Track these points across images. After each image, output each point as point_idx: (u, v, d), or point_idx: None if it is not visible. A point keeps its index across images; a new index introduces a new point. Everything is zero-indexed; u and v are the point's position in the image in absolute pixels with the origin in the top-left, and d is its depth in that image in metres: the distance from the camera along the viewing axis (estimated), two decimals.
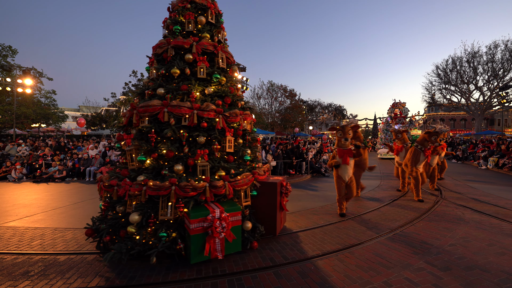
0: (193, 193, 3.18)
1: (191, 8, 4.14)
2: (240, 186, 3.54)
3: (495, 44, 24.61)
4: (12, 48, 21.40)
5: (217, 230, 3.01)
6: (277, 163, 10.10)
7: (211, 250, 3.06)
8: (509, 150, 12.42)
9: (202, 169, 3.41)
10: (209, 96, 3.88)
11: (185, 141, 3.58)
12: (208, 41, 4.04)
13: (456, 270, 2.94)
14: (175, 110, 3.46)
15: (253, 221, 3.74)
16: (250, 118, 4.34)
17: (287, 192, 4.19)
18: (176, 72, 3.76)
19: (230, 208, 3.27)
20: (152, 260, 2.95)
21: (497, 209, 5.39)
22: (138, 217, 3.12)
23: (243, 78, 15.81)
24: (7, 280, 2.79)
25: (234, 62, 4.58)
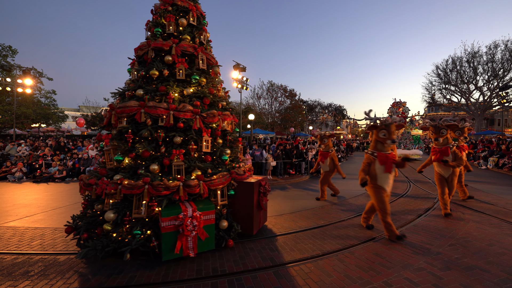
0: (166, 192, 3.23)
1: (172, 11, 4.21)
2: (216, 185, 3.59)
3: (495, 44, 24.61)
4: (12, 48, 21.42)
5: (188, 228, 3.09)
6: (277, 163, 10.11)
7: (183, 248, 3.12)
8: (509, 150, 12.42)
9: (177, 168, 3.49)
10: (188, 97, 3.94)
11: (162, 141, 3.66)
12: (188, 43, 4.12)
13: (456, 270, 2.94)
14: (152, 111, 3.54)
15: (230, 220, 3.80)
16: (229, 118, 4.36)
17: (265, 191, 4.21)
18: (155, 74, 3.84)
19: (204, 207, 3.33)
20: (125, 257, 3.04)
21: (497, 209, 5.38)
22: (114, 215, 3.20)
23: (243, 78, 15.80)
24: (7, 280, 2.79)
25: (215, 63, 4.63)
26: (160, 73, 3.91)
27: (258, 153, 9.86)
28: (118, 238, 3.17)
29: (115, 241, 3.15)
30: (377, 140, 4.03)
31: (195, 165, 3.61)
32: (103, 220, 3.34)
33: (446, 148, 4.99)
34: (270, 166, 9.85)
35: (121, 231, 3.22)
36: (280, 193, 7.39)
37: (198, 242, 3.25)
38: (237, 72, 15.34)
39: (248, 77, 16.28)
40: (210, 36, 4.80)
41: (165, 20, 4.17)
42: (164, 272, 2.95)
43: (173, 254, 3.10)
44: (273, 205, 5.98)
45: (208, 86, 4.28)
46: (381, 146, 3.99)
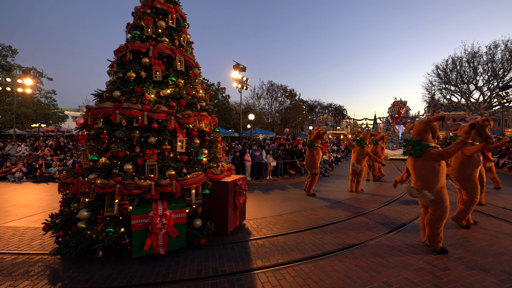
0: (137, 191, 3.30)
1: (151, 13, 4.30)
2: (189, 184, 3.63)
3: (495, 44, 24.60)
4: (12, 48, 21.40)
5: (157, 226, 3.15)
6: (277, 163, 10.11)
7: (154, 245, 3.19)
8: (509, 150, 12.42)
9: (150, 168, 3.55)
10: (164, 98, 4.00)
11: (137, 142, 3.74)
12: (165, 45, 4.18)
13: (456, 270, 2.94)
14: (126, 112, 3.61)
15: (204, 219, 3.84)
16: (207, 119, 4.40)
17: (241, 191, 4.24)
18: (132, 76, 3.93)
19: (175, 206, 3.40)
20: (97, 254, 3.11)
21: (497, 209, 5.38)
22: (87, 213, 3.28)
23: (243, 78, 15.79)
24: (7, 280, 2.79)
25: (194, 65, 4.67)
26: (137, 75, 3.99)
27: (258, 153, 9.86)
28: (92, 235, 3.25)
29: (88, 238, 3.23)
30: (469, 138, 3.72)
31: (169, 164, 3.66)
32: (78, 218, 3.40)
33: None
34: (270, 166, 9.85)
35: (95, 229, 3.30)
36: (280, 193, 7.39)
37: (168, 239, 3.31)
38: (237, 72, 15.33)
39: (248, 77, 16.29)
40: (191, 38, 4.91)
41: (143, 23, 4.25)
42: (164, 272, 2.95)
43: (143, 251, 3.16)
44: (273, 205, 5.98)
45: (186, 88, 4.36)
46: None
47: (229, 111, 24.15)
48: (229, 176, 4.44)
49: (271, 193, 7.39)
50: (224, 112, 22.31)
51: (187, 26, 4.78)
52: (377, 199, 6.48)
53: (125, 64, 4.12)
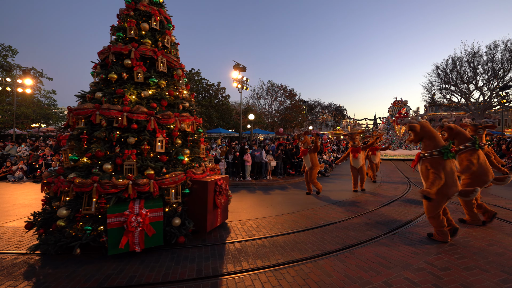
0: (114, 190, 3.37)
1: (134, 16, 4.38)
2: (168, 184, 3.70)
3: (495, 44, 24.60)
4: (12, 48, 21.41)
5: (132, 224, 3.22)
6: (277, 163, 10.11)
7: (130, 243, 3.25)
8: (509, 150, 12.42)
9: (129, 167, 3.61)
10: (145, 99, 4.08)
11: (117, 142, 3.80)
12: (147, 47, 4.26)
13: (456, 270, 2.94)
14: (105, 113, 3.69)
15: (184, 218, 3.89)
16: (189, 120, 4.44)
17: (221, 191, 4.27)
18: (114, 77, 4.01)
19: (152, 205, 3.46)
20: (75, 251, 3.20)
21: (497, 209, 5.38)
22: (66, 212, 3.36)
23: (243, 78, 15.80)
24: (7, 280, 2.79)
25: (178, 66, 4.73)
26: (119, 76, 4.07)
27: (258, 153, 9.86)
28: (72, 233, 3.34)
29: (67, 236, 3.31)
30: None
31: (147, 164, 3.72)
32: (58, 217, 3.46)
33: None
34: (270, 166, 9.86)
35: (75, 227, 3.38)
36: (280, 193, 7.39)
37: (145, 237, 3.36)
38: (237, 72, 15.34)
39: (248, 77, 16.29)
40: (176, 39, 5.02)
41: (126, 25, 4.32)
42: (164, 272, 2.96)
43: (118, 249, 3.22)
44: (273, 205, 5.98)
45: (168, 88, 4.44)
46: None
47: (229, 111, 24.15)
48: (211, 176, 4.48)
49: (271, 193, 7.39)
50: (224, 112, 22.31)
51: (172, 28, 4.88)
52: (377, 199, 6.48)
53: (108, 66, 4.19)
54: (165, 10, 4.84)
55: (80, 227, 3.38)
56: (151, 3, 4.62)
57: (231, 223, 4.69)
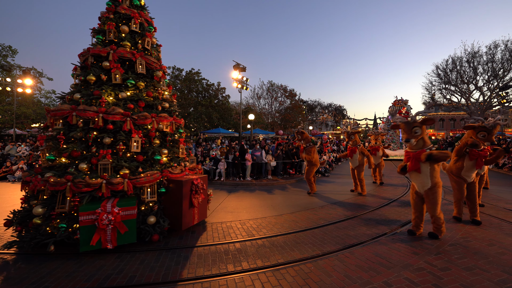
0: (88, 189, 3.47)
1: (114, 18, 4.50)
2: (142, 183, 3.78)
3: (495, 44, 24.57)
4: (12, 48, 21.40)
5: (103, 222, 3.30)
6: (277, 163, 10.11)
7: (102, 240, 3.35)
8: (510, 150, 12.42)
9: (103, 167, 3.70)
10: (122, 100, 4.18)
11: (93, 142, 3.90)
12: (126, 49, 4.37)
13: (456, 270, 2.94)
14: (81, 114, 3.79)
15: (159, 216, 3.97)
16: (167, 120, 4.51)
17: (197, 190, 4.30)
18: (92, 79, 4.13)
19: (125, 203, 3.53)
20: (49, 248, 3.30)
21: (497, 209, 5.39)
22: (42, 210, 3.47)
23: (243, 78, 15.79)
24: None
25: (158, 68, 4.80)
26: (97, 78, 4.18)
27: (259, 153, 9.87)
28: (48, 231, 3.44)
29: (43, 233, 3.40)
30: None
31: (121, 164, 3.81)
32: (34, 215, 3.54)
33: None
34: (270, 166, 9.86)
35: (51, 225, 3.48)
36: (280, 193, 7.39)
37: (117, 235, 3.44)
38: (237, 72, 15.34)
39: (248, 77, 16.28)
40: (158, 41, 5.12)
41: (106, 28, 4.42)
42: (164, 272, 2.96)
43: (90, 246, 3.30)
44: (273, 205, 5.98)
45: (147, 90, 4.54)
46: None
47: (229, 111, 24.15)
48: (189, 176, 4.51)
49: (271, 193, 7.39)
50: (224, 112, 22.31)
51: (153, 30, 4.98)
52: (377, 200, 6.48)
53: (88, 68, 4.29)
54: (147, 12, 4.97)
55: (56, 224, 3.48)
56: (132, 6, 4.73)
57: (231, 223, 4.70)
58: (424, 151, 3.76)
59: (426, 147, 3.83)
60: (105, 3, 4.66)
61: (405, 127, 3.89)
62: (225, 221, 4.85)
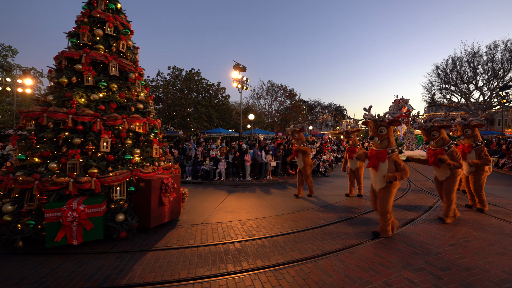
0: (54, 187, 3.60)
1: (88, 22, 4.63)
2: (111, 182, 3.89)
3: (495, 44, 24.60)
4: (12, 48, 21.41)
5: (67, 219, 3.40)
6: (277, 163, 10.11)
7: (67, 236, 3.45)
8: (509, 150, 12.42)
9: (71, 166, 3.84)
10: (94, 102, 4.31)
11: (65, 142, 4.03)
12: (98, 52, 4.51)
13: (456, 270, 2.94)
14: (52, 115, 3.91)
15: (128, 214, 4.06)
16: (139, 121, 4.61)
17: (167, 188, 4.34)
18: (64, 81, 4.27)
19: (91, 201, 3.65)
20: (17, 243, 3.43)
21: (497, 209, 5.39)
22: (11, 207, 3.60)
23: (243, 78, 15.79)
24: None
25: (133, 70, 4.92)
26: (70, 80, 4.31)
27: (259, 153, 9.87)
28: (18, 227, 3.54)
29: (13, 230, 3.52)
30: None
31: (90, 163, 3.93)
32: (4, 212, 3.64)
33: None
34: (270, 166, 9.86)
35: (22, 222, 3.60)
36: (280, 193, 7.39)
37: (83, 232, 3.55)
38: (237, 72, 15.33)
39: (248, 77, 16.27)
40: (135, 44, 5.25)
41: (80, 31, 4.54)
42: (164, 272, 2.96)
43: (55, 242, 3.40)
44: (273, 205, 5.98)
45: (120, 91, 4.67)
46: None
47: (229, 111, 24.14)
48: (161, 175, 4.56)
49: (271, 193, 7.39)
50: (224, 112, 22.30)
51: (130, 33, 5.13)
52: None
53: (62, 70, 4.42)
54: (123, 16, 5.09)
55: (27, 221, 3.58)
56: (107, 10, 4.86)
57: (231, 223, 4.70)
58: (386, 151, 3.90)
59: (389, 148, 3.93)
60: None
61: (372, 125, 4.01)
62: (225, 221, 4.85)
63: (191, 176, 9.51)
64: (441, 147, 4.60)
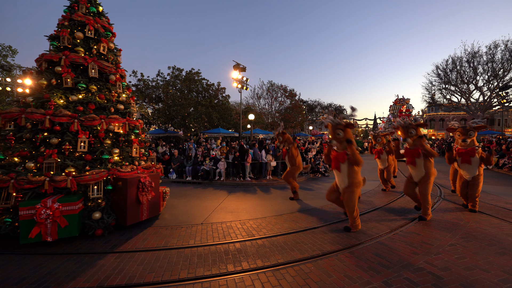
0: (30, 186, 3.70)
1: (68, 25, 4.74)
2: (87, 181, 3.98)
3: (495, 44, 24.57)
4: (12, 48, 21.41)
5: (41, 217, 3.48)
6: (277, 163, 10.11)
7: (42, 233, 3.54)
8: (509, 150, 12.42)
9: (48, 165, 3.91)
10: (73, 103, 4.42)
11: (42, 142, 4.14)
12: (78, 54, 4.61)
13: (456, 270, 2.94)
14: (29, 116, 4.04)
15: (105, 212, 4.16)
16: (118, 121, 4.71)
17: (144, 187, 4.42)
18: (44, 83, 4.38)
19: (66, 199, 3.75)
20: None
21: (497, 209, 5.38)
22: None
23: (243, 78, 15.79)
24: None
25: (113, 71, 5.01)
26: (49, 82, 4.42)
27: (259, 153, 9.87)
28: None
29: None
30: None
31: (66, 163, 4.02)
32: None
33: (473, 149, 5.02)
34: (270, 166, 9.86)
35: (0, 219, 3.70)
36: (280, 193, 7.39)
37: (58, 229, 3.64)
38: (237, 72, 15.34)
39: (248, 77, 16.28)
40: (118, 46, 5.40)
41: (60, 34, 4.64)
42: (164, 272, 2.96)
43: (29, 238, 3.48)
44: (273, 205, 5.98)
45: (100, 92, 4.78)
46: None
47: (229, 111, 24.11)
48: (140, 174, 4.64)
49: (271, 193, 7.39)
50: (224, 112, 22.28)
51: (111, 35, 5.22)
52: (377, 200, 6.48)
53: (42, 72, 4.50)
54: (104, 19, 5.18)
55: (3, 219, 3.67)
56: (88, 13, 4.96)
57: (231, 223, 4.70)
58: (345, 152, 4.10)
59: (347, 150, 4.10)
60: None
61: (330, 127, 4.26)
62: (225, 221, 4.85)
63: (191, 176, 9.51)
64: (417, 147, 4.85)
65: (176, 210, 5.59)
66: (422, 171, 4.77)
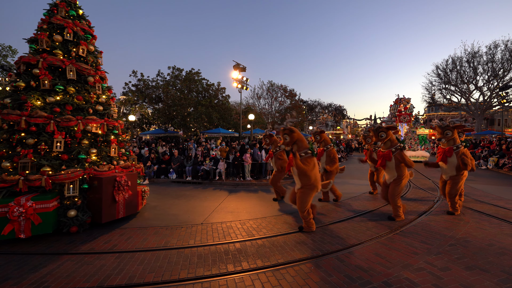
0: (4, 185, 3.81)
1: (47, 28, 4.81)
2: (62, 179, 4.06)
3: (495, 44, 24.58)
4: (12, 48, 21.42)
5: (13, 214, 3.58)
6: None
7: (16, 230, 3.63)
8: (509, 150, 12.42)
9: (23, 165, 4.02)
10: (50, 104, 4.49)
11: (19, 143, 4.22)
12: (55, 57, 4.70)
13: (456, 270, 2.94)
14: (5, 117, 4.14)
15: (81, 210, 4.27)
16: (95, 122, 4.80)
17: (119, 186, 4.52)
18: (21, 85, 4.44)
19: (40, 197, 3.87)
20: None
21: (497, 209, 5.39)
22: None
23: (243, 78, 15.79)
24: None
25: (92, 73, 5.08)
26: (27, 84, 4.51)
27: (259, 153, 9.86)
28: None
29: None
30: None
31: (42, 162, 4.12)
32: None
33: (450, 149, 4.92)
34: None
35: None
36: None
37: (31, 226, 3.74)
38: (237, 72, 15.34)
39: (248, 77, 16.28)
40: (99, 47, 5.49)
41: (38, 37, 4.71)
42: (164, 272, 2.96)
43: (1, 235, 3.57)
44: (273, 205, 5.98)
45: (78, 94, 4.85)
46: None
47: (229, 111, 24.12)
48: (117, 173, 4.72)
49: (271, 193, 7.39)
50: (224, 112, 22.28)
51: (91, 38, 5.30)
52: (377, 200, 6.48)
53: (21, 75, 4.59)
54: (84, 22, 5.26)
55: None
56: (68, 17, 5.02)
57: (231, 223, 4.70)
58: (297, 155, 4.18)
59: (300, 151, 4.26)
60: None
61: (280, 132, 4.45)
62: (225, 221, 4.85)
63: (191, 176, 9.51)
64: (389, 149, 4.89)
65: (157, 209, 5.62)
66: (394, 173, 4.84)
